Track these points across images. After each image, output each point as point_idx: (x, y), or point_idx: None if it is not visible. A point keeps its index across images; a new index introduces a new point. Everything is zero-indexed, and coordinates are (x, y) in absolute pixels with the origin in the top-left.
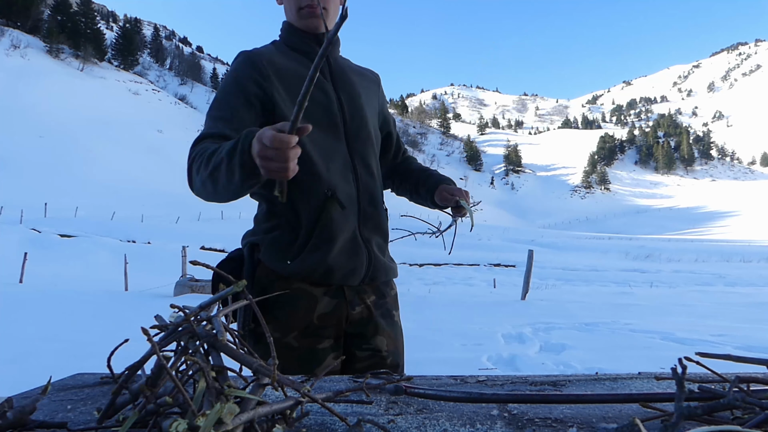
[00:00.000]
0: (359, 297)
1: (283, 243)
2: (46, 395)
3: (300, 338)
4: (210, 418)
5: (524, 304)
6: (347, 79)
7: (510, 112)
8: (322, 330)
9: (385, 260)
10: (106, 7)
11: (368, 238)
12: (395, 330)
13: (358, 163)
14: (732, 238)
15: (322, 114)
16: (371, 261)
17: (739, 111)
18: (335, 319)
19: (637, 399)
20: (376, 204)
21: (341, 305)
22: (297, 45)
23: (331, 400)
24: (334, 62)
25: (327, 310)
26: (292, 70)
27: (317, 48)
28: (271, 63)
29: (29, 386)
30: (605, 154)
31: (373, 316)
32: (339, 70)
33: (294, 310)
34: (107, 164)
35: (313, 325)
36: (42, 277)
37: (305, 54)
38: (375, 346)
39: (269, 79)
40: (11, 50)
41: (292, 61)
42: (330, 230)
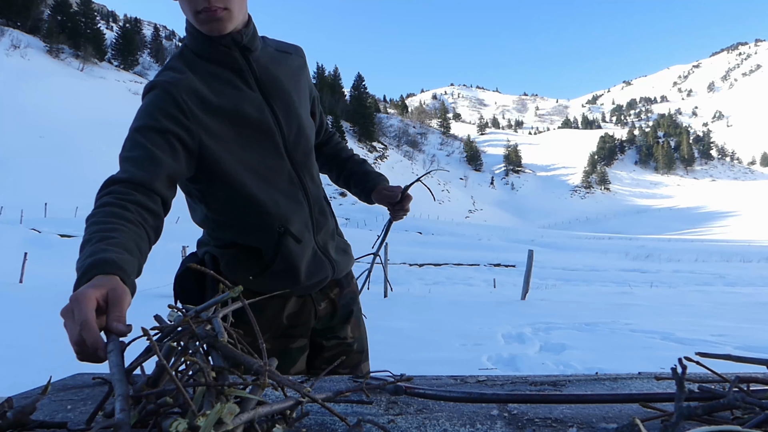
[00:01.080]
0: (323, 293)
1: (243, 261)
2: (46, 395)
3: (272, 340)
4: (210, 418)
5: (524, 304)
6: (277, 85)
7: (510, 112)
8: (292, 329)
9: (345, 258)
10: (106, 7)
11: (325, 247)
12: (358, 317)
13: (305, 177)
14: (732, 238)
15: (259, 134)
16: (334, 267)
17: (739, 111)
18: (304, 317)
19: (637, 399)
20: (324, 210)
21: (308, 303)
22: (211, 54)
23: (331, 400)
24: (257, 64)
25: (294, 309)
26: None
27: (234, 51)
28: (192, 93)
29: (29, 386)
30: (605, 154)
31: (338, 308)
32: (265, 75)
33: (263, 314)
34: (107, 164)
35: (283, 326)
36: (42, 277)
37: (220, 62)
38: (341, 335)
39: (193, 116)
40: (11, 50)
41: (210, 83)
42: (290, 261)
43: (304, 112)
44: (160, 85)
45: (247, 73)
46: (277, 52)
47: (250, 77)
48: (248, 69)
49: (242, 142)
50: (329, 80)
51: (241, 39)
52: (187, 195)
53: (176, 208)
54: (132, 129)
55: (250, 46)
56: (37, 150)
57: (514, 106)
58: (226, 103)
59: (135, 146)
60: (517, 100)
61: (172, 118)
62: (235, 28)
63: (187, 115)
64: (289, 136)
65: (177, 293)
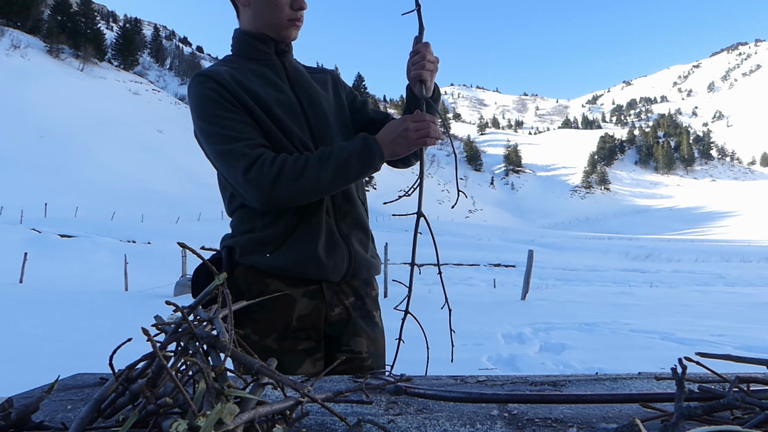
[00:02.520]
0: (338, 298)
1: (261, 239)
2: (47, 395)
3: (278, 340)
4: (210, 418)
5: (524, 304)
6: (304, 81)
7: (510, 112)
8: (301, 332)
9: (367, 256)
10: (106, 7)
11: (347, 233)
12: (375, 331)
13: None
14: (732, 238)
15: (288, 117)
16: (352, 256)
17: (739, 111)
18: (314, 320)
19: (637, 399)
20: (351, 200)
21: (320, 306)
22: (253, 54)
23: (331, 400)
24: (289, 65)
25: (306, 311)
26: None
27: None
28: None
29: (29, 386)
30: (605, 154)
31: (352, 318)
32: (294, 72)
33: (272, 313)
34: (107, 164)
35: (291, 327)
36: (42, 277)
37: (260, 60)
38: (354, 348)
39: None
40: (11, 50)
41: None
42: (307, 228)
43: (333, 110)
44: (205, 75)
45: (280, 70)
46: (309, 67)
47: (282, 72)
48: (281, 67)
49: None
50: None
51: (282, 44)
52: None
53: (176, 209)
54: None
55: (286, 50)
56: (37, 150)
57: (514, 106)
58: (260, 89)
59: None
60: (517, 100)
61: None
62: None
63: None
64: (315, 123)
65: (192, 287)
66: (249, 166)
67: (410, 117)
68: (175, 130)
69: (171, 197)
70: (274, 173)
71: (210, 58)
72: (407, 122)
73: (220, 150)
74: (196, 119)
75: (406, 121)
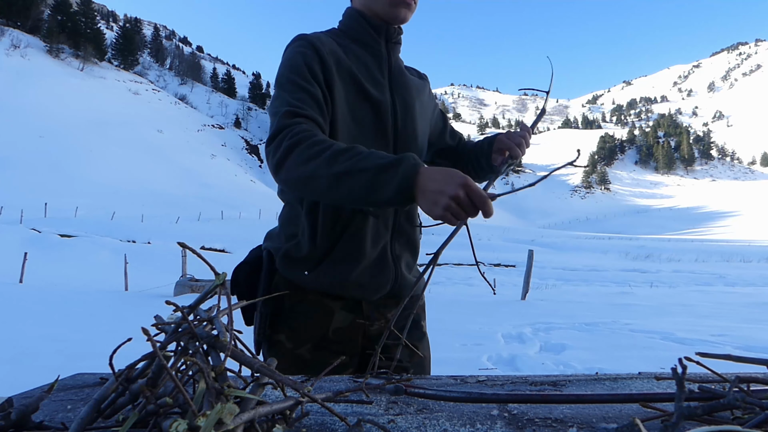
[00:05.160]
0: (378, 312)
1: (302, 253)
2: (47, 395)
3: (313, 351)
4: (210, 418)
5: (524, 304)
6: (403, 81)
7: (510, 112)
8: (336, 345)
9: (410, 277)
10: (106, 7)
11: (399, 255)
12: (422, 340)
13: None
14: (732, 238)
15: (374, 116)
16: (397, 279)
17: (739, 111)
18: (351, 334)
19: (637, 399)
20: (412, 220)
21: (358, 320)
22: (361, 35)
23: (331, 400)
24: (395, 61)
25: (343, 324)
26: (349, 65)
27: (380, 40)
28: (332, 53)
29: (29, 386)
30: (605, 154)
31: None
32: (397, 70)
33: (308, 322)
34: (107, 164)
35: (327, 339)
36: (42, 277)
37: (365, 45)
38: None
39: (330, 71)
40: (11, 50)
41: (350, 55)
42: (358, 245)
43: (423, 123)
44: (306, 38)
45: (384, 62)
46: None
47: (385, 66)
48: (386, 59)
49: (359, 118)
50: None
51: (393, 34)
52: None
53: (176, 209)
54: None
55: (396, 42)
56: (37, 150)
57: (514, 106)
58: (357, 75)
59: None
60: (517, 100)
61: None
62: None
63: (326, 66)
64: (401, 133)
65: (232, 285)
66: (274, 135)
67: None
68: (175, 130)
69: (171, 197)
70: (283, 150)
71: (210, 57)
72: (460, 189)
73: (272, 112)
74: (276, 79)
75: (459, 187)
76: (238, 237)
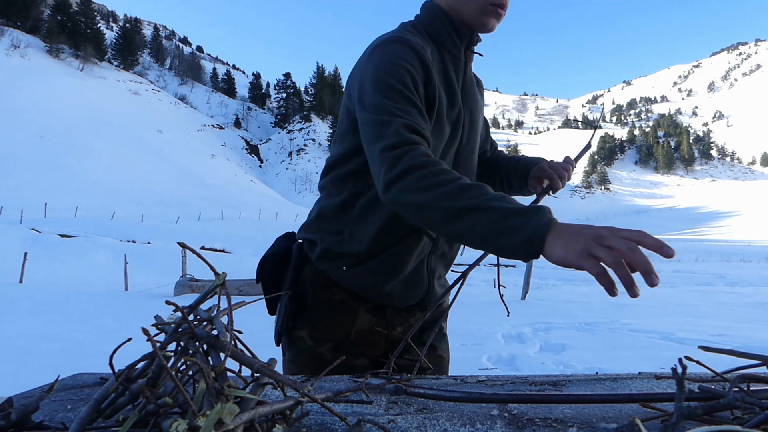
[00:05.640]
0: (401, 316)
1: (344, 250)
2: (47, 395)
3: (334, 350)
4: (210, 418)
5: (524, 304)
6: (472, 93)
7: (510, 112)
8: (359, 347)
9: (439, 289)
10: (106, 7)
11: (434, 268)
12: (443, 341)
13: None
14: (732, 238)
15: (452, 130)
16: (428, 293)
17: (739, 111)
18: (373, 337)
19: (637, 399)
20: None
21: (381, 324)
22: (443, 39)
23: (331, 400)
24: (468, 70)
25: (366, 326)
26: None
27: (462, 47)
28: (434, 62)
29: (29, 386)
30: (605, 154)
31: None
32: (468, 80)
33: (331, 321)
34: (107, 164)
35: (349, 341)
36: (42, 277)
37: (447, 51)
38: (414, 357)
39: (434, 84)
40: (11, 50)
41: (438, 62)
42: (401, 259)
43: (481, 133)
44: (408, 43)
45: (460, 71)
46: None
47: (461, 75)
48: (463, 68)
49: (439, 132)
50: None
51: (475, 41)
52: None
53: (176, 209)
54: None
55: (474, 51)
56: (37, 150)
57: (514, 106)
58: (441, 85)
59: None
60: (517, 100)
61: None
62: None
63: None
64: (464, 146)
65: (258, 274)
66: (395, 145)
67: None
68: (175, 130)
69: (171, 197)
70: (403, 168)
71: (210, 57)
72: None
73: (376, 120)
74: (369, 82)
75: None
76: (238, 237)
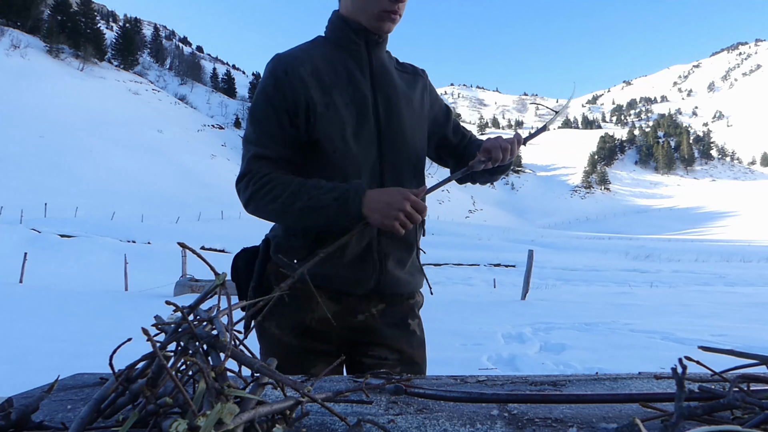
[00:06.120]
0: (363, 305)
1: (293, 244)
2: (47, 395)
3: (300, 337)
4: (210, 418)
5: (524, 304)
6: (387, 79)
7: (510, 112)
8: (321, 333)
9: (401, 274)
10: (106, 7)
11: (387, 252)
12: (409, 339)
13: (388, 174)
14: (732, 238)
15: (357, 116)
16: (381, 275)
17: (739, 111)
18: (335, 324)
19: (637, 399)
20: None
21: (342, 311)
22: (343, 41)
23: (331, 400)
24: (377, 60)
25: (326, 314)
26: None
27: (361, 42)
28: (309, 69)
29: (29, 386)
30: (605, 154)
31: (378, 325)
32: (380, 68)
33: (294, 310)
34: (107, 164)
35: (311, 328)
36: (42, 277)
37: (347, 50)
38: (380, 354)
39: (304, 83)
40: (11, 50)
41: (330, 63)
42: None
43: (410, 113)
44: (278, 58)
45: (365, 63)
46: (397, 65)
47: (366, 67)
48: (367, 61)
49: (342, 122)
50: None
51: (374, 36)
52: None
53: (176, 209)
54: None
55: (376, 45)
56: (37, 150)
57: (514, 106)
58: (336, 81)
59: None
60: (517, 100)
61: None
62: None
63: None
64: (386, 127)
65: (232, 273)
66: (242, 175)
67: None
68: (175, 130)
69: (171, 197)
70: (251, 192)
71: (210, 57)
72: (405, 201)
73: (244, 145)
74: (251, 106)
75: (405, 200)
76: (238, 237)
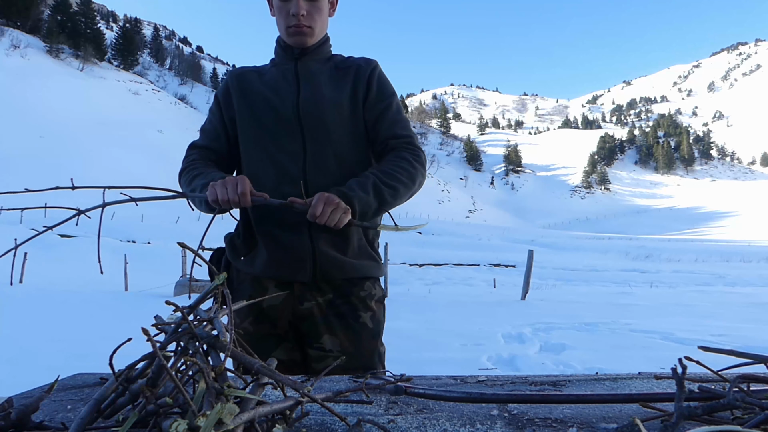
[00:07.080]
0: (310, 294)
1: (238, 242)
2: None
3: (255, 323)
4: (210, 418)
5: (524, 304)
6: (313, 84)
7: (510, 112)
8: (271, 319)
9: (343, 258)
10: (106, 7)
11: (316, 236)
12: (357, 331)
13: (310, 162)
14: (732, 238)
15: (276, 115)
16: (316, 258)
17: (739, 111)
18: (282, 311)
19: (637, 399)
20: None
21: (289, 298)
22: (278, 58)
23: (331, 400)
24: (303, 69)
25: (275, 301)
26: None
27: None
28: (242, 83)
29: (29, 386)
30: (605, 154)
31: (324, 315)
32: (305, 75)
33: (248, 298)
34: (107, 164)
35: (263, 314)
36: (42, 277)
37: (280, 66)
38: (325, 346)
39: (230, 97)
40: (11, 50)
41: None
42: (270, 229)
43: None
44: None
45: (290, 74)
46: (336, 66)
47: (291, 77)
48: (293, 70)
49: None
50: None
51: (301, 51)
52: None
53: (176, 209)
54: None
55: (303, 56)
56: (37, 150)
57: (514, 106)
58: (264, 92)
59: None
60: (517, 100)
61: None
62: (314, 44)
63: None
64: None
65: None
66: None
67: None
68: (175, 130)
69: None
70: (180, 170)
71: (210, 57)
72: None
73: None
74: None
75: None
76: None
